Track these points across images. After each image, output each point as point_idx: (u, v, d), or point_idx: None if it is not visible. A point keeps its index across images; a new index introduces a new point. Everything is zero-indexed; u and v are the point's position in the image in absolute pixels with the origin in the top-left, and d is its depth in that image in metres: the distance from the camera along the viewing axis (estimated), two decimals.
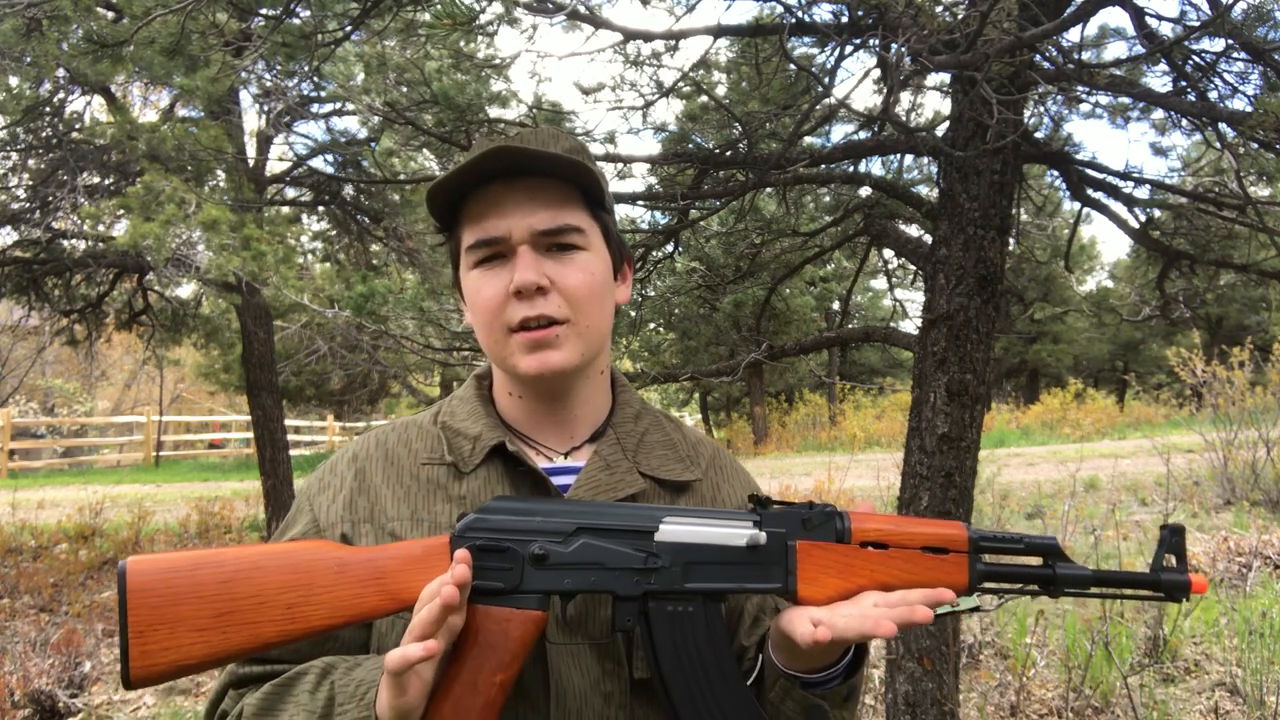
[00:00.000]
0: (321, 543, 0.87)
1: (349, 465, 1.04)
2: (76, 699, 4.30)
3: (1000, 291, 3.05)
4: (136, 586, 0.78)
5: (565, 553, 0.86)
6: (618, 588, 0.87)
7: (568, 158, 0.96)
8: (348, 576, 0.84)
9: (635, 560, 0.87)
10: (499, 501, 0.89)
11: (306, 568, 0.83)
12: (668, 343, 18.67)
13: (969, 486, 3.07)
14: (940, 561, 0.92)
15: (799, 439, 19.75)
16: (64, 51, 5.54)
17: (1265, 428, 8.42)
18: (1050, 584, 0.93)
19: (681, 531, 0.89)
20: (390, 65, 3.45)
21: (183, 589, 0.79)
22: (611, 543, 0.88)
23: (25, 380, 19.97)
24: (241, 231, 5.68)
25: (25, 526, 9.15)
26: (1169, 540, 0.95)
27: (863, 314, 26.65)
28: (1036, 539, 0.94)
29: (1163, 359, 14.34)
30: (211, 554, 0.82)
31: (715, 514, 0.92)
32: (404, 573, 0.84)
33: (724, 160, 3.44)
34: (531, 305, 0.96)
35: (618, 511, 0.90)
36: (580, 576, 0.87)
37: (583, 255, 1.00)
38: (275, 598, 0.81)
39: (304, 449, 20.55)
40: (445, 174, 0.98)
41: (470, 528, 0.86)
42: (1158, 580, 0.93)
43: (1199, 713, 3.88)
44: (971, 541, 0.92)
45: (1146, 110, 3.69)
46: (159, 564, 0.80)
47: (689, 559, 0.89)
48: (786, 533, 0.90)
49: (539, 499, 0.95)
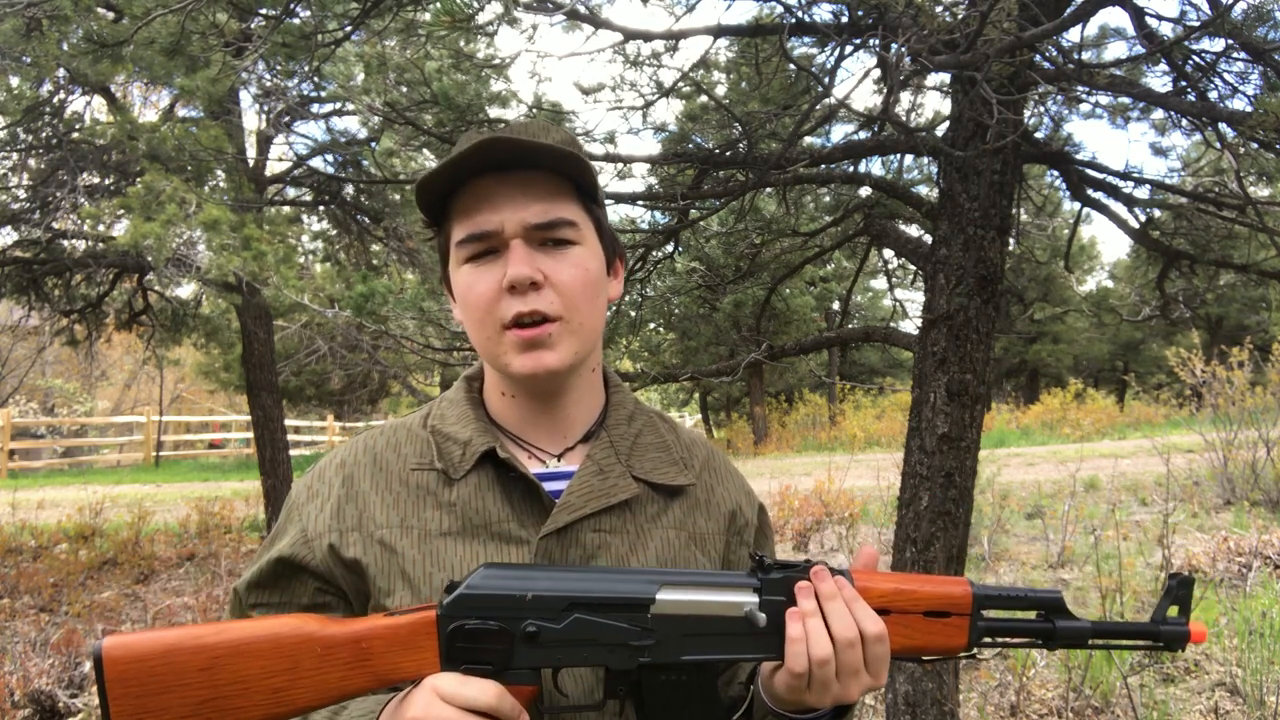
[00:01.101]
0: (304, 619, 0.84)
1: (336, 472, 1.02)
2: (76, 699, 4.30)
3: (1000, 291, 3.05)
4: (116, 676, 0.76)
5: (557, 630, 0.84)
6: (611, 662, 0.85)
7: (561, 149, 0.94)
8: (333, 659, 0.82)
9: (629, 636, 0.85)
10: (487, 574, 0.85)
11: (290, 651, 0.81)
12: (668, 343, 18.69)
13: (969, 486, 3.07)
14: (941, 625, 0.91)
15: (799, 439, 19.76)
16: (64, 51, 5.55)
17: (1265, 428, 8.42)
18: (1050, 638, 0.93)
19: (678, 603, 0.86)
20: (390, 65, 3.45)
21: (164, 678, 0.77)
22: (605, 617, 0.85)
23: (25, 380, 19.97)
24: (242, 231, 5.68)
25: (25, 526, 9.15)
26: (1175, 591, 0.94)
27: (863, 314, 26.65)
28: (1040, 594, 0.93)
29: (1163, 359, 14.34)
30: (190, 636, 0.79)
31: (713, 578, 0.89)
32: (390, 653, 0.83)
33: (724, 160, 3.44)
34: (525, 300, 0.94)
35: (612, 583, 0.87)
36: (572, 653, 0.84)
37: (576, 250, 0.98)
38: (259, 683, 0.79)
39: (304, 449, 20.56)
40: (434, 167, 0.96)
41: (458, 604, 0.83)
42: (1157, 631, 0.93)
43: (1199, 713, 3.88)
44: (975, 600, 0.91)
45: (1146, 110, 3.69)
46: (137, 649, 0.77)
47: (685, 630, 0.86)
48: (786, 600, 0.88)
49: (530, 567, 0.91)
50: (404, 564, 0.95)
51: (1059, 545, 6.74)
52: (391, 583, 0.95)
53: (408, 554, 0.95)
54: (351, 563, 0.96)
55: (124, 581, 7.18)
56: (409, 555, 0.95)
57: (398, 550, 0.96)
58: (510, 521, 0.97)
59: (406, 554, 0.95)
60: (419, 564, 0.95)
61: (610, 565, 0.97)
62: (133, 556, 7.82)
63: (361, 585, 0.97)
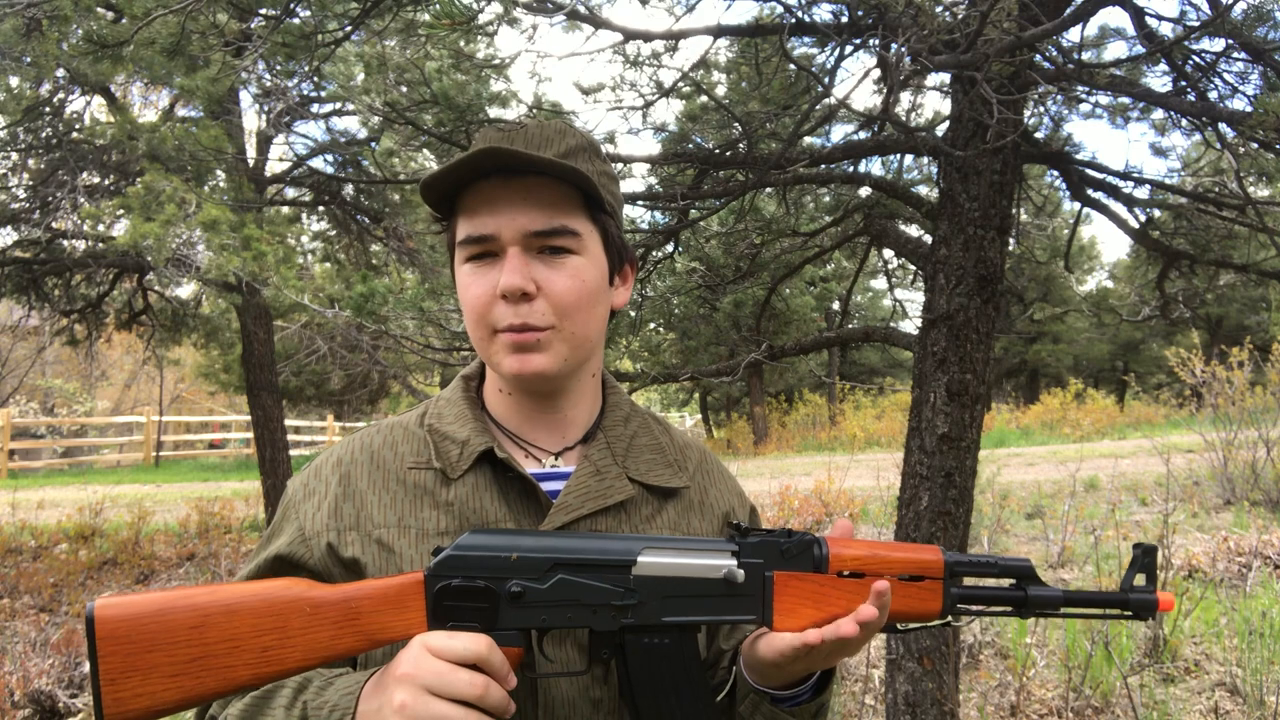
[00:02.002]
0: (294, 581, 0.85)
1: (333, 470, 1.02)
2: (76, 699, 4.31)
3: (1000, 291, 3.05)
4: (106, 634, 0.77)
5: (541, 590, 0.85)
6: (594, 623, 0.87)
7: (560, 163, 0.93)
8: (322, 618, 0.82)
9: (612, 596, 0.87)
10: (474, 536, 0.87)
11: (279, 610, 0.81)
12: (668, 343, 18.67)
13: (969, 486, 3.07)
14: (915, 589, 0.93)
15: (799, 439, 19.77)
16: (64, 51, 5.54)
17: (1265, 428, 8.42)
18: (1022, 606, 0.95)
19: (659, 565, 0.88)
20: (390, 65, 3.45)
21: (154, 635, 0.77)
22: (588, 578, 0.87)
23: (25, 380, 19.97)
24: (241, 231, 5.68)
25: (25, 526, 9.15)
26: (1140, 560, 0.97)
27: (863, 314, 26.66)
28: (1010, 561, 0.96)
29: (1163, 359, 14.34)
30: (182, 596, 0.80)
31: (693, 544, 0.91)
32: (379, 613, 0.83)
33: (724, 160, 3.44)
34: (515, 312, 0.94)
35: (595, 545, 0.89)
36: (556, 613, 0.86)
37: (574, 260, 0.97)
38: (249, 642, 0.80)
39: (304, 449, 20.55)
40: (439, 169, 0.96)
41: (445, 565, 0.85)
42: (1126, 599, 0.96)
43: (1199, 713, 3.88)
44: (947, 566, 0.93)
45: (1146, 110, 3.69)
46: (128, 609, 0.78)
47: (666, 592, 0.88)
48: (764, 563, 0.90)
49: (515, 531, 0.94)
50: (401, 564, 0.95)
51: (1059, 545, 6.74)
52: None
53: (405, 553, 0.95)
54: (350, 562, 0.96)
55: (124, 581, 7.18)
56: (407, 555, 0.95)
57: (395, 550, 0.96)
58: (507, 521, 0.97)
59: (404, 553, 0.95)
60: (417, 564, 0.95)
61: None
62: (133, 556, 7.82)
63: None
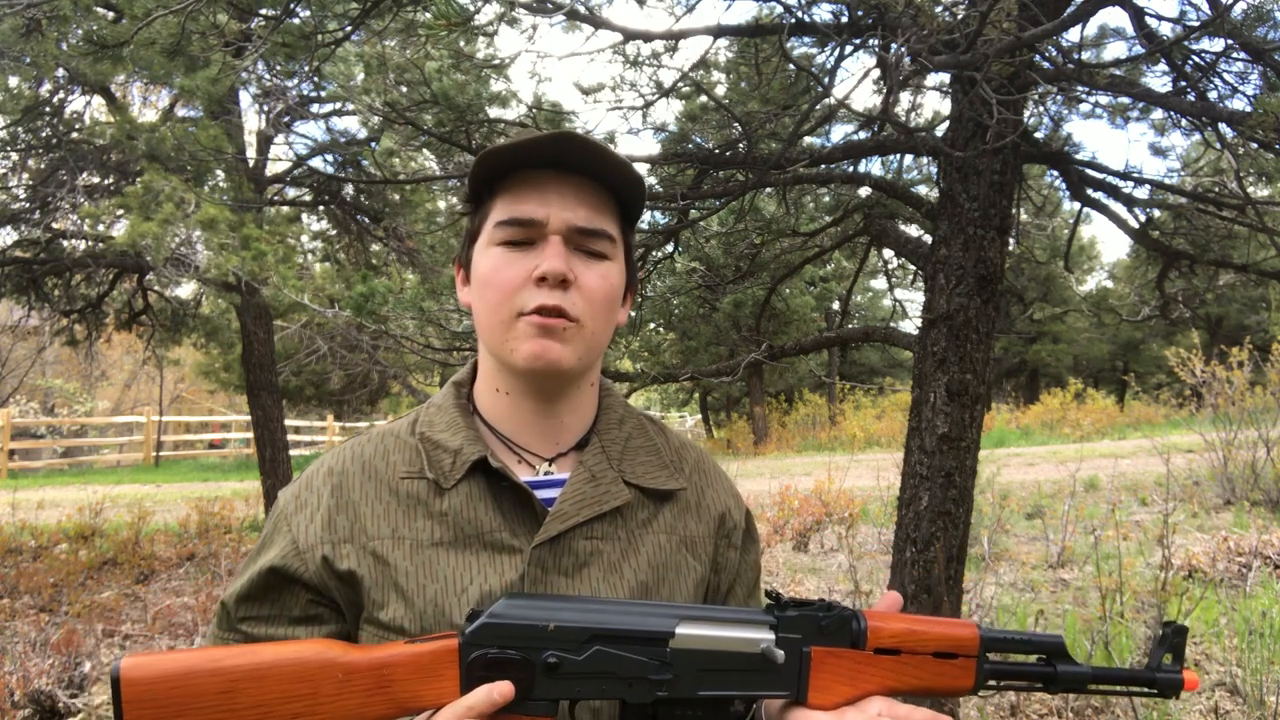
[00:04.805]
0: (326, 644, 0.84)
1: (325, 481, 1.00)
2: (76, 699, 4.30)
3: (1000, 291, 3.05)
4: (133, 697, 0.76)
5: (578, 661, 0.85)
6: (629, 695, 0.86)
7: (631, 167, 0.96)
8: (353, 687, 0.81)
9: (648, 669, 0.86)
10: (511, 603, 0.86)
11: (310, 676, 0.80)
12: (668, 343, 18.67)
13: (969, 486, 3.07)
14: (949, 666, 0.93)
15: (799, 439, 19.77)
16: (64, 51, 5.55)
17: (1265, 428, 8.42)
18: (1051, 682, 0.96)
19: (697, 637, 0.88)
20: (390, 65, 3.45)
21: (181, 700, 0.77)
22: (625, 650, 0.86)
23: (25, 380, 19.98)
24: (241, 231, 5.68)
25: (25, 526, 9.15)
26: (1170, 639, 0.97)
27: (863, 314, 26.68)
28: (1042, 638, 0.96)
29: (1163, 359, 14.34)
30: (210, 659, 0.79)
31: (731, 614, 0.91)
32: (411, 681, 0.82)
33: (724, 160, 3.45)
34: (552, 295, 0.94)
35: (633, 615, 0.88)
36: (591, 685, 0.85)
37: (606, 264, 0.99)
38: (278, 708, 0.79)
39: (304, 449, 20.57)
40: (506, 142, 0.96)
41: (480, 633, 0.84)
42: (1153, 678, 0.96)
43: (1199, 713, 3.88)
44: (982, 642, 0.93)
45: (1146, 110, 3.69)
46: (156, 670, 0.77)
47: (702, 665, 0.88)
48: (802, 639, 0.89)
49: (552, 597, 0.92)
50: (396, 576, 0.94)
51: (1059, 545, 6.74)
52: (385, 595, 0.94)
53: (400, 565, 0.94)
54: (346, 575, 0.95)
55: (124, 581, 7.18)
56: (401, 567, 0.94)
57: (390, 562, 0.94)
58: (502, 531, 0.96)
59: (399, 565, 0.94)
60: (412, 575, 0.94)
61: (603, 572, 0.98)
62: (133, 556, 7.82)
63: (355, 597, 0.95)
